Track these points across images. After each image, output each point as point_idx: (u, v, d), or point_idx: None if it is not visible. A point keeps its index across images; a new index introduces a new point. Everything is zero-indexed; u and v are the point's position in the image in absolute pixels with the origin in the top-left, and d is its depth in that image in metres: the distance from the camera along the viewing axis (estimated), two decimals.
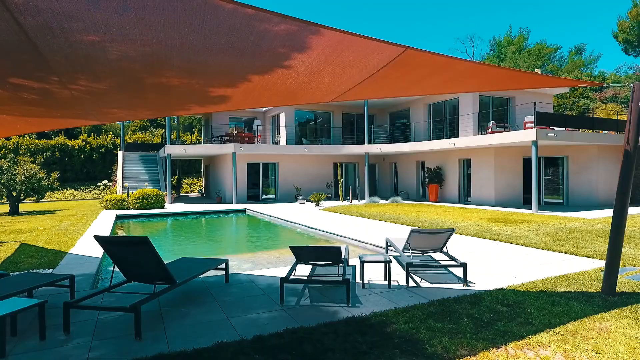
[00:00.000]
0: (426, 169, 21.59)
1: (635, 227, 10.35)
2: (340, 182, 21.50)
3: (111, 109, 5.45)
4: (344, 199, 21.97)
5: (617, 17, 35.85)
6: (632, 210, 14.76)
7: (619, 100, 28.71)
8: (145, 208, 18.19)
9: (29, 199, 18.16)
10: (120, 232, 12.65)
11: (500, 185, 18.31)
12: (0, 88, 4.41)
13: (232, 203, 20.97)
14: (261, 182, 23.34)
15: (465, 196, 20.10)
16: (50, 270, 6.52)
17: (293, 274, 5.26)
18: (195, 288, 5.45)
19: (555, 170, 18.41)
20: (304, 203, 20.38)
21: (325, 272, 6.03)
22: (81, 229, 11.49)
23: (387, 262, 5.45)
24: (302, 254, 5.05)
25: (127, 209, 18.31)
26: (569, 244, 8.07)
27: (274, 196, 23.38)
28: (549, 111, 21.33)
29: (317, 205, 19.17)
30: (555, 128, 15.80)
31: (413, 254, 6.19)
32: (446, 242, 5.85)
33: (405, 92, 5.49)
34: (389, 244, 7.32)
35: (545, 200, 18.45)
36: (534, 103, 15.15)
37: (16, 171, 17.02)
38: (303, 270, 6.13)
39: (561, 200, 18.22)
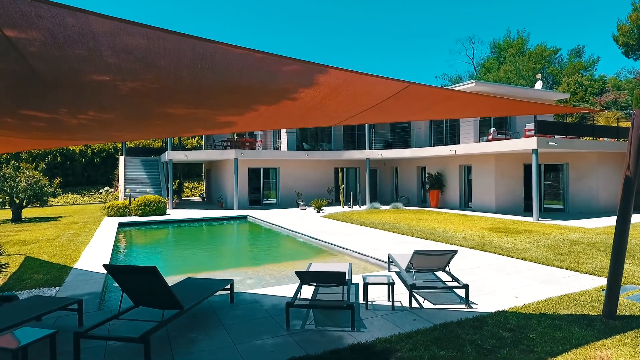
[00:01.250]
0: (427, 175, 21.66)
1: (636, 238, 10.42)
2: (341, 187, 21.57)
3: (118, 132, 5.51)
4: (345, 204, 22.04)
5: (617, 21, 35.89)
6: (634, 218, 14.81)
7: (619, 105, 28.77)
8: (147, 215, 18.26)
9: (31, 205, 18.23)
10: (123, 244, 12.71)
11: (500, 191, 18.37)
12: (9, 117, 4.48)
13: (233, 209, 21.04)
14: (262, 187, 23.42)
15: (466, 202, 20.16)
16: (57, 288, 6.58)
17: (298, 296, 5.32)
18: (202, 309, 5.51)
19: (556, 175, 18.47)
20: (305, 209, 20.45)
21: (330, 290, 6.10)
22: (84, 240, 11.55)
23: (391, 284, 5.51)
24: (307, 278, 5.12)
25: (129, 215, 18.38)
26: (569, 259, 8.14)
27: (275, 201, 23.45)
28: (550, 117, 21.39)
29: (318, 211, 19.24)
30: (556, 136, 15.85)
31: (416, 273, 6.25)
32: (449, 262, 5.91)
33: (409, 118, 5.56)
34: (391, 260, 7.37)
35: (545, 205, 18.51)
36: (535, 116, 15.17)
37: (19, 178, 17.09)
38: (308, 287, 6.20)
39: (562, 206, 18.29)
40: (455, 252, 5.74)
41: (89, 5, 2.48)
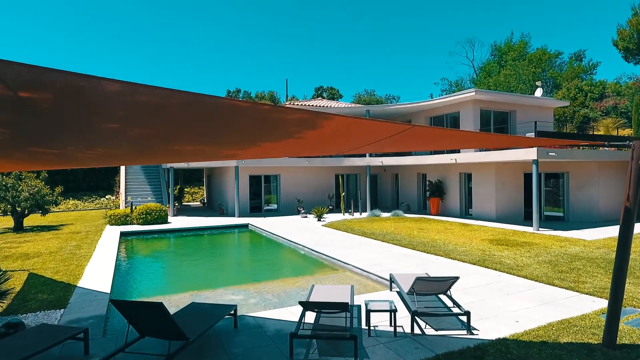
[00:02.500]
0: (427, 182, 21.72)
1: (636, 252, 10.47)
2: (342, 195, 21.63)
3: (122, 160, 5.58)
4: (346, 212, 22.10)
5: (617, 26, 35.93)
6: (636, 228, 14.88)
7: (619, 111, 28.84)
8: (148, 223, 18.32)
9: (33, 213, 18.29)
10: (126, 258, 12.77)
11: (501, 200, 18.43)
12: (17, 151, 4.54)
13: (234, 216, 21.11)
14: (263, 193, 23.49)
15: (466, 209, 20.22)
16: (61, 311, 6.64)
17: (302, 322, 5.38)
18: (206, 336, 5.57)
19: (556, 181, 18.52)
20: (306, 217, 20.50)
21: (333, 315, 6.14)
22: (87, 253, 11.61)
23: (393, 312, 5.57)
24: (311, 307, 5.17)
25: (130, 224, 18.44)
26: (570, 277, 8.19)
27: (275, 206, 23.52)
28: (550, 123, 21.46)
29: (319, 219, 19.30)
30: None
31: (418, 296, 6.31)
32: (450, 287, 5.97)
33: (410, 149, 5.62)
34: (393, 281, 7.43)
35: (546, 213, 18.57)
36: (535, 122, 15.26)
37: (20, 187, 17.15)
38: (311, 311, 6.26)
39: (562, 214, 18.35)
40: (457, 278, 5.79)
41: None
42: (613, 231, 14.41)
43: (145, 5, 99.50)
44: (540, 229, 15.13)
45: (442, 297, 6.93)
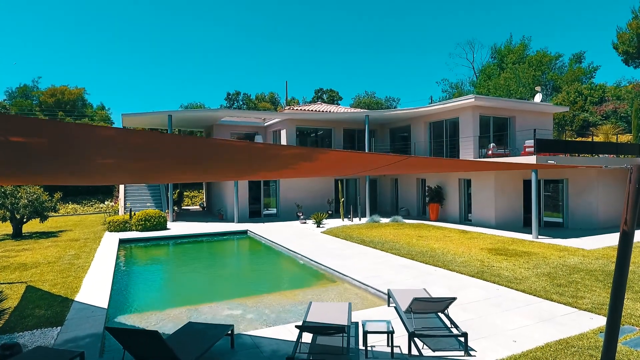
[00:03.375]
0: (427, 188, 21.71)
1: (635, 264, 10.46)
2: (341, 201, 21.62)
3: (122, 180, 5.58)
4: (345, 217, 22.08)
5: (617, 29, 35.95)
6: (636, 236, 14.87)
7: (619, 115, 28.82)
8: (147, 230, 18.30)
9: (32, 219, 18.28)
10: (124, 268, 12.75)
11: (500, 206, 18.41)
12: (16, 175, 4.54)
13: (233, 221, 21.10)
14: (262, 198, 23.47)
15: (465, 215, 20.21)
16: (58, 329, 6.62)
17: (299, 344, 5.37)
18: (203, 358, 5.55)
19: (556, 186, 18.50)
20: (305, 222, 20.49)
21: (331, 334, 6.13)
22: (85, 264, 11.59)
23: (390, 333, 5.56)
24: (308, 330, 5.16)
25: (129, 230, 18.43)
26: (568, 292, 8.18)
27: (275, 210, 23.51)
28: (549, 130, 21.46)
29: (318, 225, 19.28)
30: (554, 153, 15.90)
31: (415, 314, 6.29)
32: (447, 307, 5.96)
33: (404, 172, 5.61)
34: (391, 297, 7.42)
35: (545, 219, 18.55)
36: (534, 130, 15.26)
37: (19, 194, 17.14)
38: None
39: (561, 220, 18.34)
40: (454, 299, 5.78)
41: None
42: (612, 240, 14.40)
43: (144, 6, 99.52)
44: (539, 236, 15.11)
45: (441, 314, 6.92)
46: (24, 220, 17.61)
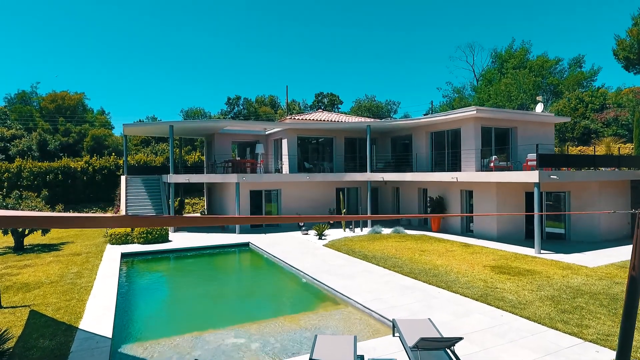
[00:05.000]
0: (428, 198, 21.69)
1: None
2: (343, 212, 21.60)
3: None
4: (347, 227, 22.06)
5: (615, 37, 35.94)
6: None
7: (620, 122, 28.81)
8: (149, 242, 18.28)
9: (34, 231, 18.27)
10: (127, 287, 12.74)
11: (502, 218, 18.39)
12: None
13: (235, 232, 21.09)
14: (264, 208, 23.47)
15: (467, 226, 20.19)
16: None
17: None
18: None
19: (557, 196, 18.47)
20: (307, 233, 20.49)
21: None
22: (88, 283, 11.57)
23: None
24: None
25: (131, 243, 18.40)
26: (573, 320, 8.16)
27: None
28: (551, 140, 21.44)
29: (320, 237, 19.25)
30: (556, 168, 15.89)
31: (421, 354, 6.28)
32: (454, 345, 5.94)
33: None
34: (395, 327, 7.40)
35: (547, 230, 18.52)
36: (537, 146, 15.26)
37: (21, 208, 17.12)
38: None
39: (563, 231, 18.32)
40: (460, 339, 5.77)
41: None
42: (614, 255, 14.42)
43: (144, 10, 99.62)
44: (541, 251, 15.08)
45: (448, 349, 6.90)
46: (26, 233, 17.59)
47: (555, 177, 14.79)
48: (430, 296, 9.99)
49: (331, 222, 23.30)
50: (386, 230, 20.80)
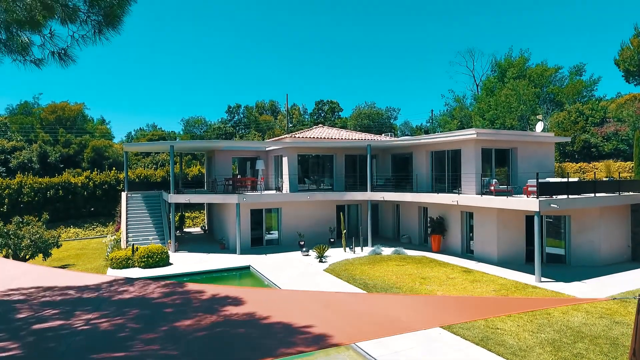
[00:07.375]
0: (429, 219, 21.70)
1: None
2: (343, 232, 21.62)
3: None
4: (347, 247, 22.05)
5: (623, 42, 35.99)
6: (635, 279, 14.90)
7: (620, 137, 28.82)
8: (150, 266, 18.31)
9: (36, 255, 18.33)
10: None
11: (502, 242, 18.38)
12: None
13: (235, 252, 21.10)
14: (264, 226, 23.49)
15: (467, 247, 20.20)
16: None
17: None
18: None
19: (557, 217, 18.44)
20: (307, 254, 20.52)
21: None
22: None
23: None
24: None
25: (132, 267, 18.44)
26: None
27: (276, 234, 23.57)
28: (551, 157, 21.45)
29: (320, 260, 19.25)
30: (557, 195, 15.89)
31: None
32: None
33: None
34: None
35: (548, 251, 18.50)
36: (537, 174, 15.28)
37: (22, 233, 17.17)
38: None
39: (563, 252, 18.30)
40: None
41: None
42: (614, 284, 14.43)
43: (144, 16, 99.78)
44: (542, 279, 15.08)
45: None
46: (27, 258, 17.64)
47: (556, 206, 14.81)
48: (431, 339, 10.01)
49: (332, 239, 23.31)
50: (387, 251, 20.80)
